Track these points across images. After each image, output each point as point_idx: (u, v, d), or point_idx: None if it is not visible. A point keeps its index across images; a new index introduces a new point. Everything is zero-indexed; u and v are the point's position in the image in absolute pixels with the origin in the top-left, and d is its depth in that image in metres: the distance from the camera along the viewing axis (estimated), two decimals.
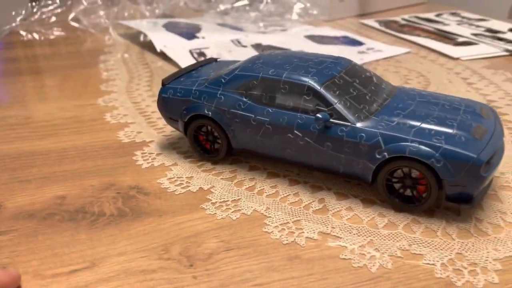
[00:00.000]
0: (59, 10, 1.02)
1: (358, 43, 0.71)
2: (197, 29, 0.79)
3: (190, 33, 0.76)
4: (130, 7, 0.94)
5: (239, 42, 0.72)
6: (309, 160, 0.33)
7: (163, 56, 0.67)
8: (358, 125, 0.30)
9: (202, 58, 0.65)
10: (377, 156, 0.29)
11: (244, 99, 0.34)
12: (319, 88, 0.31)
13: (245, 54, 0.66)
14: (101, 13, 0.91)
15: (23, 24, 0.95)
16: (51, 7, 1.04)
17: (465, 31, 0.75)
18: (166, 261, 0.27)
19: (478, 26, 0.79)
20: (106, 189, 0.34)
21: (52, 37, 0.86)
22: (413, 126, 0.29)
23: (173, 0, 0.91)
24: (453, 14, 0.91)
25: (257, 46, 0.70)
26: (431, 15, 0.90)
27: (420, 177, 0.29)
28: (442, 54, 0.64)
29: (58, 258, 0.27)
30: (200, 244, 0.28)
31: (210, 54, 0.66)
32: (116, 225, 0.30)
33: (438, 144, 0.28)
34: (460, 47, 0.66)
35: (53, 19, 0.98)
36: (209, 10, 0.89)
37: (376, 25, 0.83)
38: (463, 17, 0.87)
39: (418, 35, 0.75)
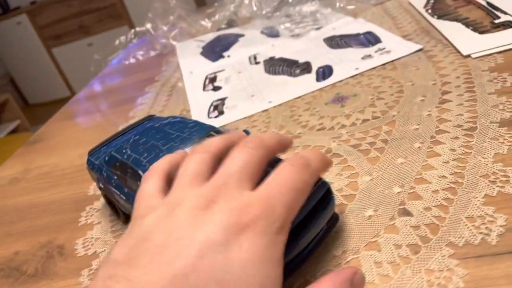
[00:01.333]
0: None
1: (375, 41, 0.64)
2: (233, 43, 0.83)
3: (219, 52, 0.80)
4: (196, 24, 1.01)
5: (255, 58, 0.73)
6: None
7: None
8: None
9: (211, 85, 0.69)
10: None
11: (115, 177, 0.39)
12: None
13: (251, 74, 0.67)
14: (173, 33, 1.02)
15: (125, 51, 1.13)
16: (146, 27, 1.20)
17: None
18: None
19: None
20: (44, 247, 0.44)
21: (146, 57, 1.01)
22: None
23: (228, 11, 0.95)
24: None
25: (269, 61, 0.70)
26: None
27: None
28: (455, 50, 0.54)
29: None
30: None
31: (220, 78, 0.70)
32: (23, 285, 0.40)
33: None
34: (484, 36, 0.53)
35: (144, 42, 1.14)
36: (256, 17, 0.90)
37: (421, 5, 0.71)
38: None
39: (458, 17, 0.62)
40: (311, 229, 0.29)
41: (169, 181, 0.30)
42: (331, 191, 0.31)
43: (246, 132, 0.38)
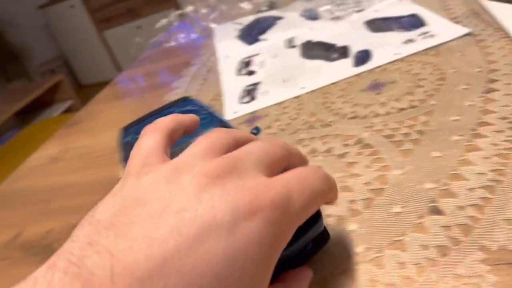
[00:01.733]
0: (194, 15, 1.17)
1: (419, 24, 0.60)
2: (271, 26, 0.80)
3: (255, 35, 0.78)
4: (236, 6, 1.00)
5: (291, 41, 0.71)
6: None
7: None
8: None
9: (244, 70, 0.68)
10: None
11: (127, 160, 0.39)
12: None
13: (286, 58, 0.65)
14: (212, 16, 1.01)
15: (166, 34, 1.14)
16: (187, 10, 1.20)
17: None
18: None
19: None
20: (73, 227, 0.45)
21: (186, 40, 1.01)
22: None
23: None
24: None
25: (305, 45, 0.67)
26: None
27: None
28: (507, 35, 0.49)
29: None
30: None
31: (254, 62, 0.68)
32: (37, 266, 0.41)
33: None
34: None
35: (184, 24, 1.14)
36: None
37: None
38: None
39: None
40: (290, 247, 0.24)
41: (171, 142, 0.27)
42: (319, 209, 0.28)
43: (257, 129, 0.37)
